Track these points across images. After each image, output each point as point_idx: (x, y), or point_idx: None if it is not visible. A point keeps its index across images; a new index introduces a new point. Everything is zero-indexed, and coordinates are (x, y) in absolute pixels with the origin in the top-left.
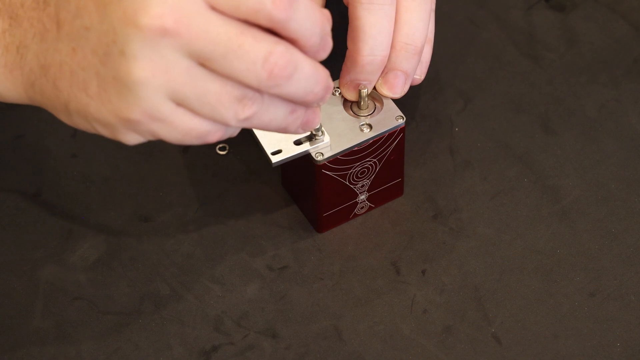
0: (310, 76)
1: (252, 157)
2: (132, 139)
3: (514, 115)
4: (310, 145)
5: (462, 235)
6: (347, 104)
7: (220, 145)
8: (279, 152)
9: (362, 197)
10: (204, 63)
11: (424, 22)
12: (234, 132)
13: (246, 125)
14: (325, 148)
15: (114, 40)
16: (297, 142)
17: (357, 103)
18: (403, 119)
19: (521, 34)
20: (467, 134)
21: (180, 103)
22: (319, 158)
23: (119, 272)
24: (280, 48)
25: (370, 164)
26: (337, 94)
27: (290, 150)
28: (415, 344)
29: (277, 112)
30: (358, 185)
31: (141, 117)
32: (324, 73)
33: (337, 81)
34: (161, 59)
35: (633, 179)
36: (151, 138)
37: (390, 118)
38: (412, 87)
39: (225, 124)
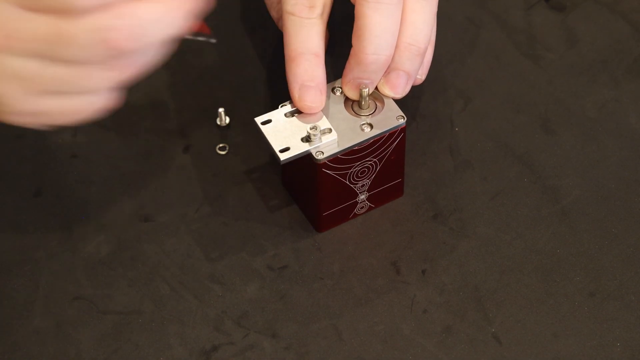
0: (160, 19)
1: (252, 156)
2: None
3: (514, 116)
4: (319, 142)
5: (462, 235)
6: (347, 103)
7: (220, 145)
8: (287, 149)
9: (362, 196)
10: (50, 59)
11: (429, 24)
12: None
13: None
14: (332, 145)
15: None
16: (305, 139)
17: (358, 102)
18: (404, 118)
19: (521, 34)
20: (467, 134)
21: (53, 94)
22: (319, 157)
23: (119, 272)
24: (116, 22)
25: (370, 164)
26: (337, 93)
27: (298, 147)
28: (415, 344)
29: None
30: (358, 185)
31: (21, 119)
32: (171, 7)
33: (339, 80)
34: (9, 72)
35: (633, 178)
36: (52, 124)
37: (391, 118)
38: (412, 87)
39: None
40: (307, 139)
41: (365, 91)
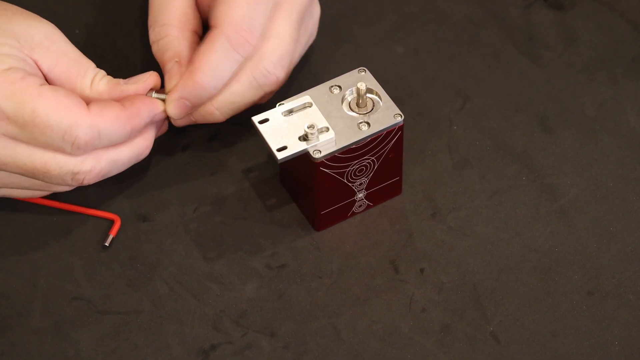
0: (129, 161)
1: (250, 156)
2: None
3: (512, 114)
4: (316, 140)
5: (460, 234)
6: (345, 101)
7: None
8: (284, 148)
9: (361, 195)
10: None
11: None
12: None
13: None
14: (330, 143)
15: None
16: (302, 138)
17: (356, 101)
18: (401, 116)
19: (520, 33)
20: (466, 132)
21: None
22: (317, 155)
23: (118, 271)
24: (85, 167)
25: (368, 162)
26: (335, 91)
27: (295, 146)
28: (414, 343)
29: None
30: (356, 183)
31: None
32: (136, 150)
33: (336, 79)
34: None
35: (631, 177)
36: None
37: (389, 116)
38: (410, 86)
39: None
40: (304, 137)
41: (363, 89)
